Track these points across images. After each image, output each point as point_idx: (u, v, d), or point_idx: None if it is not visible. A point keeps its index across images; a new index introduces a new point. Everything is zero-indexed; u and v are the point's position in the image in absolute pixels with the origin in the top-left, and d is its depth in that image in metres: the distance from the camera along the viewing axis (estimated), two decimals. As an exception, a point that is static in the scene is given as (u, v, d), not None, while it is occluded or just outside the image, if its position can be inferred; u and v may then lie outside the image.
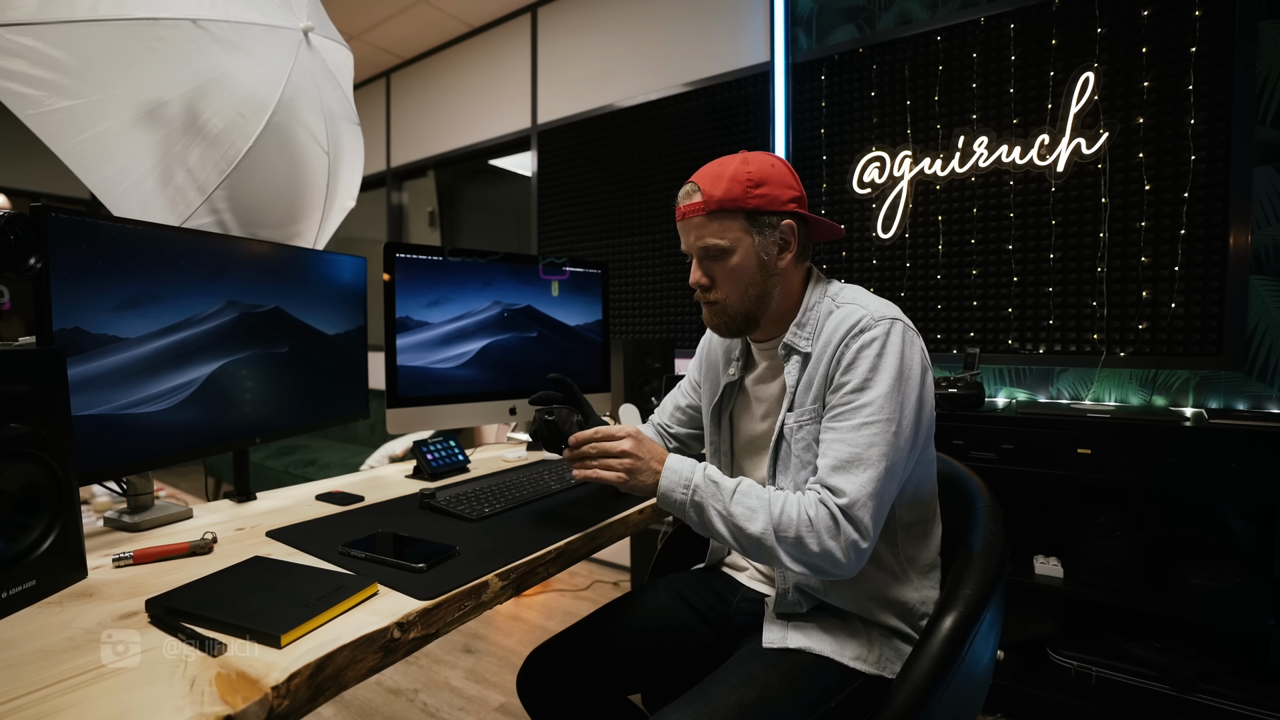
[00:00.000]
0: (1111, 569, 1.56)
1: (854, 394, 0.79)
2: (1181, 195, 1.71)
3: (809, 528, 0.74)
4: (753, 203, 0.84)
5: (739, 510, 0.78)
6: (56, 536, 0.70)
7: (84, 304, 0.80)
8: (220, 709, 0.49)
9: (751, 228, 0.85)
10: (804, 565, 0.76)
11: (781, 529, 0.76)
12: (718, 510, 0.79)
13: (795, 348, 0.88)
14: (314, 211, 1.31)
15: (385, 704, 1.80)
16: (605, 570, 2.78)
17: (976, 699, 0.83)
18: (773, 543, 0.76)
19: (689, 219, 0.88)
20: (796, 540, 0.75)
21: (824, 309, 0.88)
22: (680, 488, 0.81)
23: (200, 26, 0.97)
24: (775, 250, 0.87)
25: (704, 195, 0.85)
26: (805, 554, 0.75)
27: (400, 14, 3.22)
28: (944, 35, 2.04)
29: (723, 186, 0.84)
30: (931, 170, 2.07)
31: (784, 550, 0.76)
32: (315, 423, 1.23)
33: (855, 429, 0.77)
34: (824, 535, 0.74)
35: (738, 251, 0.86)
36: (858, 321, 0.81)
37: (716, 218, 0.85)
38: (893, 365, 0.78)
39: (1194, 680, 1.45)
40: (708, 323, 0.93)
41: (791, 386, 0.87)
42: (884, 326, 0.80)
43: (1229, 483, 1.40)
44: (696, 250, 0.88)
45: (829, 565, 0.75)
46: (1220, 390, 1.68)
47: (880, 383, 0.78)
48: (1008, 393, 1.98)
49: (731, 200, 0.84)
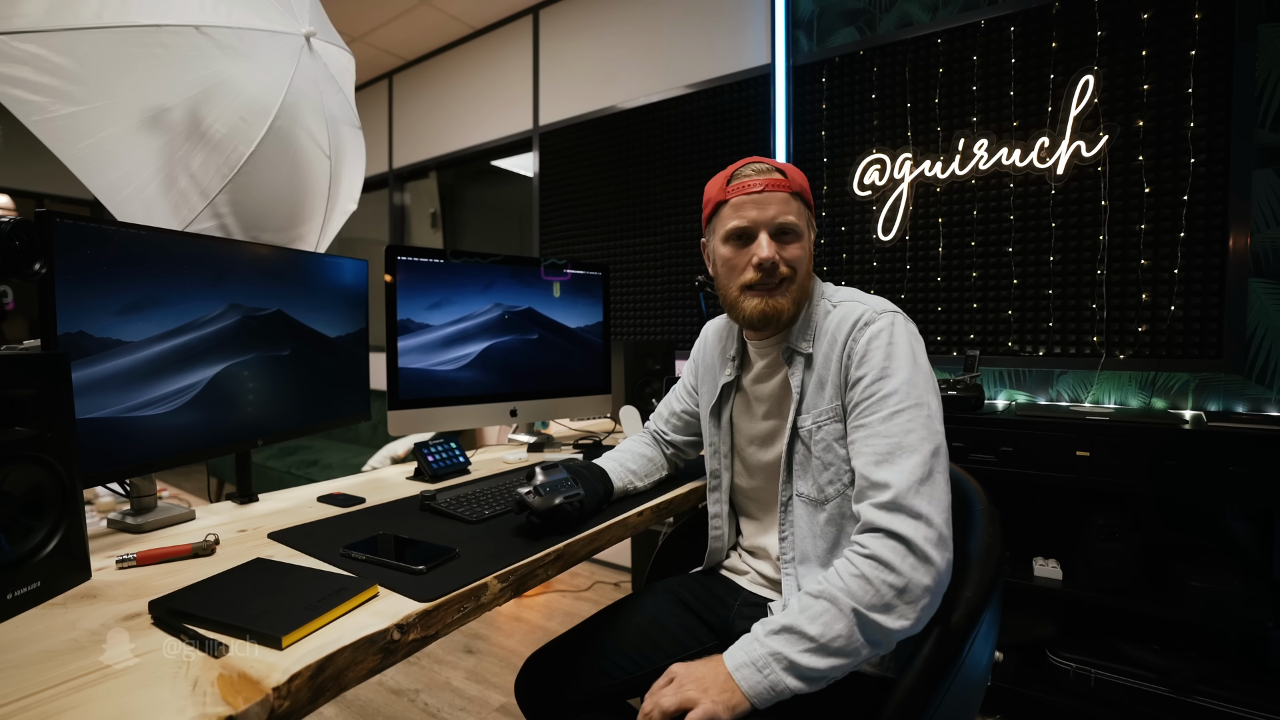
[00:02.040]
0: (1111, 571, 1.56)
1: (875, 385, 0.79)
2: (1181, 198, 1.71)
3: (876, 568, 0.68)
4: (810, 200, 0.91)
5: (814, 628, 0.68)
6: (61, 539, 0.71)
7: (88, 308, 0.81)
8: (222, 709, 0.50)
9: (811, 222, 0.92)
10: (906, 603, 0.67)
11: (855, 596, 0.67)
12: (802, 650, 0.68)
13: (797, 350, 0.89)
14: (316, 215, 1.32)
15: (387, 704, 1.81)
16: (606, 571, 2.78)
17: (974, 700, 0.84)
18: (865, 609, 0.67)
19: (771, 193, 0.85)
20: (877, 593, 0.67)
21: (821, 310, 0.90)
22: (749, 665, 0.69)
23: (203, 33, 0.98)
24: (812, 247, 0.92)
25: (789, 176, 0.88)
26: (897, 586, 0.67)
27: (402, 16, 3.24)
28: (944, 38, 2.04)
29: (800, 176, 0.90)
30: (932, 173, 2.07)
31: (879, 607, 0.67)
32: (317, 424, 1.23)
33: (886, 419, 0.76)
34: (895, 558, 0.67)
35: (805, 239, 0.89)
36: (860, 316, 0.83)
37: (797, 200, 0.88)
38: (905, 352, 0.79)
39: (1193, 682, 1.45)
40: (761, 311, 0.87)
41: (798, 388, 0.88)
42: (887, 319, 0.82)
43: (1228, 485, 1.40)
44: (773, 225, 0.86)
45: (922, 579, 0.67)
46: (1220, 393, 1.68)
47: (899, 370, 0.78)
48: (1007, 395, 1.98)
49: (806, 191, 0.90)
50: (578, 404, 1.72)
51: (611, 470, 1.10)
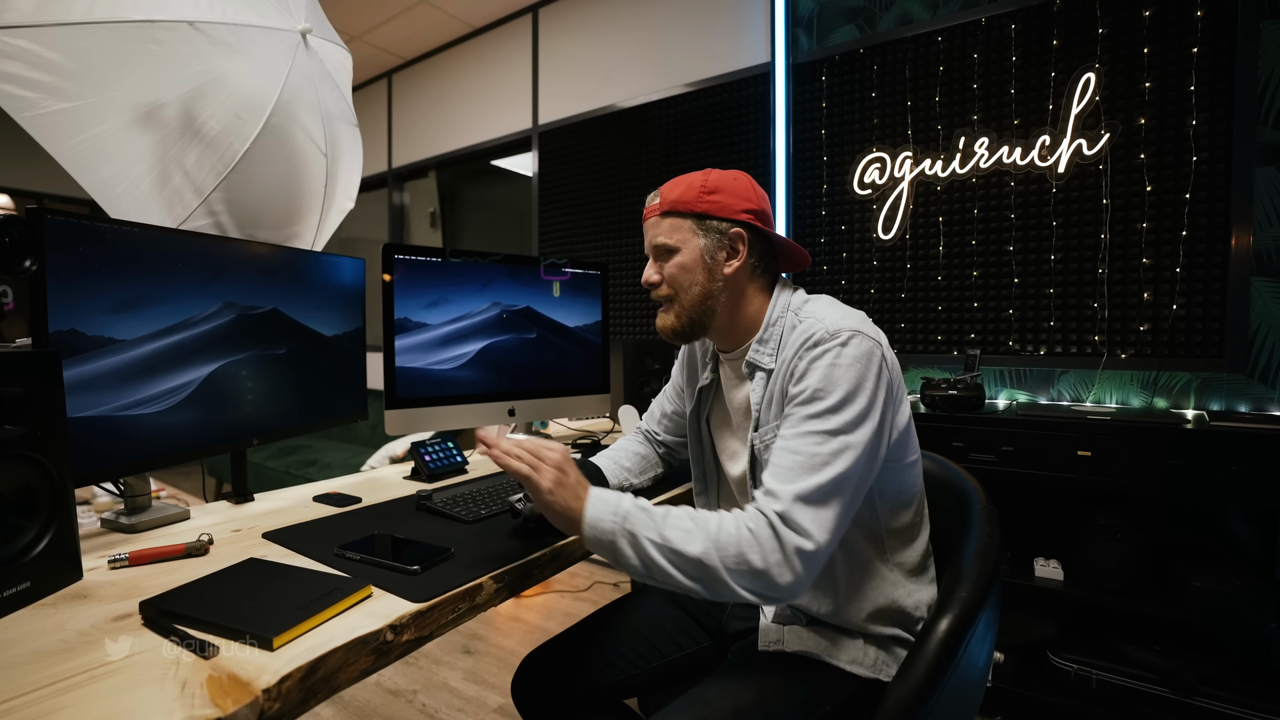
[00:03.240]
0: (1112, 571, 1.55)
1: (801, 405, 0.76)
2: (1183, 196, 1.70)
3: (750, 541, 0.69)
4: (702, 207, 0.87)
5: (674, 534, 0.71)
6: (51, 538, 0.70)
7: (80, 306, 0.81)
8: (210, 712, 0.49)
9: (700, 230, 0.88)
10: (750, 585, 0.69)
11: (722, 545, 0.70)
12: (651, 539, 0.71)
13: (758, 364, 0.87)
14: (312, 213, 1.31)
15: (384, 705, 1.80)
16: (605, 571, 2.78)
17: (972, 702, 0.83)
18: (715, 562, 0.69)
19: (647, 220, 0.93)
20: (738, 556, 0.69)
21: (787, 323, 0.87)
22: (610, 515, 0.73)
23: (197, 29, 0.97)
24: (722, 256, 0.88)
25: (662, 199, 0.91)
26: (750, 570, 0.69)
27: (401, 15, 3.23)
28: (945, 36, 2.03)
29: (678, 191, 0.89)
30: (932, 171, 2.06)
31: (727, 570, 0.69)
32: (313, 424, 1.23)
33: (799, 436, 0.74)
34: (766, 547, 0.69)
35: (684, 251, 0.89)
36: (811, 334, 0.80)
37: (669, 218, 0.90)
38: (846, 376, 0.75)
39: (1195, 684, 1.45)
40: (658, 326, 0.94)
41: (756, 404, 0.86)
42: (840, 339, 0.77)
43: (1230, 485, 1.39)
44: (651, 249, 0.93)
45: (778, 578, 0.69)
46: (1222, 392, 1.67)
47: (830, 394, 0.75)
48: (1008, 394, 1.97)
49: (684, 203, 0.88)
50: (576, 403, 1.71)
51: (606, 469, 1.09)
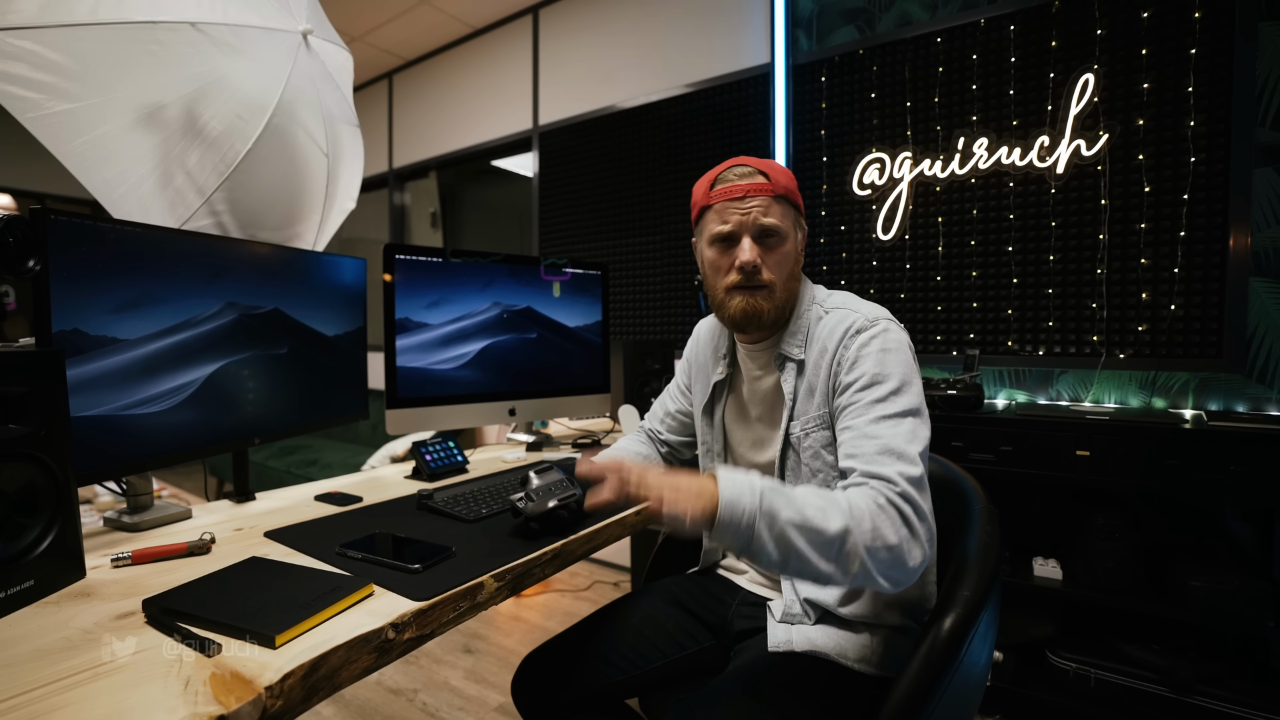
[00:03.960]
0: (1110, 571, 1.55)
1: (863, 391, 0.78)
2: (1181, 197, 1.71)
3: (883, 517, 0.66)
4: (797, 199, 0.89)
5: (813, 512, 0.66)
6: (55, 537, 0.71)
7: (83, 305, 0.81)
8: (213, 709, 0.49)
9: (798, 222, 0.90)
10: (884, 563, 0.66)
11: (859, 521, 0.65)
12: (791, 519, 0.65)
13: (789, 355, 0.89)
14: (313, 213, 1.31)
15: (385, 703, 1.80)
16: (606, 570, 2.78)
17: (973, 700, 0.84)
18: (855, 539, 0.65)
19: (754, 196, 0.85)
20: (874, 531, 0.65)
21: (813, 315, 0.89)
22: (747, 493, 0.67)
23: (199, 30, 0.97)
24: (801, 248, 0.91)
25: (771, 178, 0.86)
26: (886, 546, 0.65)
27: (402, 15, 3.23)
28: (944, 37, 2.04)
29: (785, 176, 0.88)
30: (931, 172, 2.06)
31: (866, 549, 0.65)
32: (314, 423, 1.23)
33: (874, 422, 0.75)
34: (897, 523, 0.66)
35: (790, 240, 0.88)
36: (852, 324, 0.82)
37: (781, 202, 0.87)
38: (897, 359, 0.79)
39: (1193, 682, 1.45)
40: (743, 309, 0.86)
41: (790, 395, 0.87)
42: (881, 326, 0.81)
43: (1228, 485, 1.39)
44: (754, 228, 0.85)
45: (909, 557, 0.66)
46: (1220, 392, 1.68)
47: (890, 377, 0.77)
48: (1007, 394, 1.98)
49: (791, 192, 0.88)
50: (576, 403, 1.71)
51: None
